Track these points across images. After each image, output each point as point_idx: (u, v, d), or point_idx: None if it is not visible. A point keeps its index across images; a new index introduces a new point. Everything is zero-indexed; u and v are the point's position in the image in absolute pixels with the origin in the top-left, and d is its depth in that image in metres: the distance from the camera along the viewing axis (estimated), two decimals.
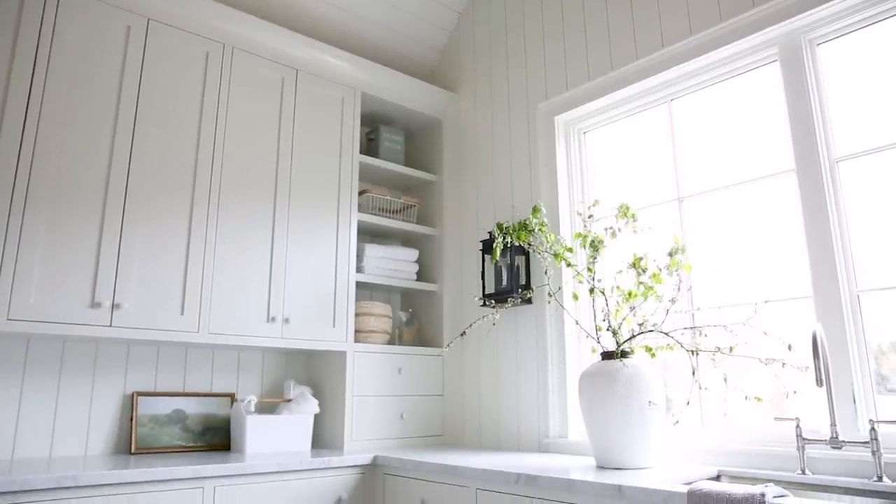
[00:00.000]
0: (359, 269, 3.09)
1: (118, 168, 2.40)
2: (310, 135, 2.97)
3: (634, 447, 2.09)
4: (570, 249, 2.56)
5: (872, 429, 1.79)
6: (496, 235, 2.66)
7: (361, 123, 3.45)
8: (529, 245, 2.73)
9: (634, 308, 2.28)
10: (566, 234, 2.84)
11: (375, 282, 3.11)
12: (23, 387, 2.37)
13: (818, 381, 1.81)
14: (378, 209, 3.30)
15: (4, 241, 2.13)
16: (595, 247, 2.40)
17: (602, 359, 2.26)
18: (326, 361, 3.01)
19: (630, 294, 2.29)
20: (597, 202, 2.53)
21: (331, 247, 2.93)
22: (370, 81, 3.23)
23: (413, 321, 3.32)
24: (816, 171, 2.14)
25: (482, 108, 3.39)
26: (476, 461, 2.30)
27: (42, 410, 2.40)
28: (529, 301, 2.86)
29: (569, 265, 2.53)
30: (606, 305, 2.32)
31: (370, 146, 3.43)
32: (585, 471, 2.02)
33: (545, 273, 2.76)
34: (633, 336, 2.25)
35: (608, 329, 2.29)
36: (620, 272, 2.37)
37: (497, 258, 2.68)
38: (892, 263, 1.99)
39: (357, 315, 3.04)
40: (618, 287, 2.33)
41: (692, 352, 2.14)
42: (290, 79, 2.94)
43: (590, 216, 2.52)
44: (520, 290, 2.84)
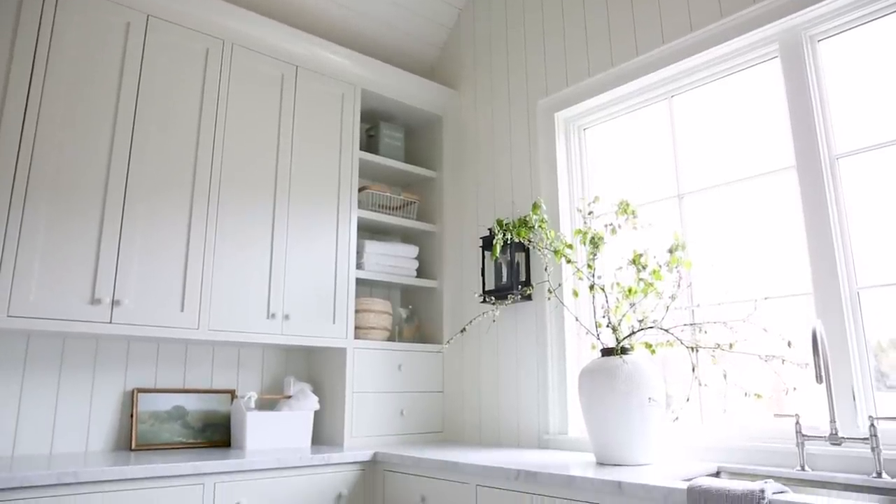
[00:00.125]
0: (359, 266, 3.08)
1: (118, 164, 2.39)
2: (310, 131, 2.96)
3: (634, 444, 2.09)
4: (570, 246, 2.56)
5: (872, 425, 1.79)
6: (496, 232, 2.66)
7: (361, 120, 3.45)
8: (529, 241, 2.73)
9: (634, 305, 2.28)
10: (566, 231, 2.84)
11: (375, 278, 3.11)
12: (23, 383, 2.38)
13: (818, 378, 1.81)
14: (378, 206, 3.29)
15: (4, 238, 2.13)
16: (595, 243, 2.40)
17: (602, 355, 2.26)
18: (326, 358, 3.01)
19: (630, 291, 2.29)
20: (597, 199, 2.53)
21: (331, 243, 2.93)
22: (370, 78, 3.22)
23: (413, 318, 3.32)
24: (817, 168, 2.14)
25: (482, 105, 3.38)
26: (476, 457, 2.30)
27: (42, 407, 2.40)
28: (529, 298, 2.86)
29: (569, 262, 2.53)
30: (606, 302, 2.32)
31: (370, 143, 3.43)
32: (585, 467, 2.03)
33: (545, 270, 2.76)
34: (633, 333, 2.25)
35: (608, 325, 2.29)
36: (620, 269, 2.38)
37: (497, 255, 2.68)
38: (893, 260, 1.99)
39: (357, 312, 3.04)
40: (618, 284, 2.33)
41: (692, 348, 2.14)
42: (290, 75, 2.94)
43: (590, 213, 2.52)
44: (520, 287, 2.84)
